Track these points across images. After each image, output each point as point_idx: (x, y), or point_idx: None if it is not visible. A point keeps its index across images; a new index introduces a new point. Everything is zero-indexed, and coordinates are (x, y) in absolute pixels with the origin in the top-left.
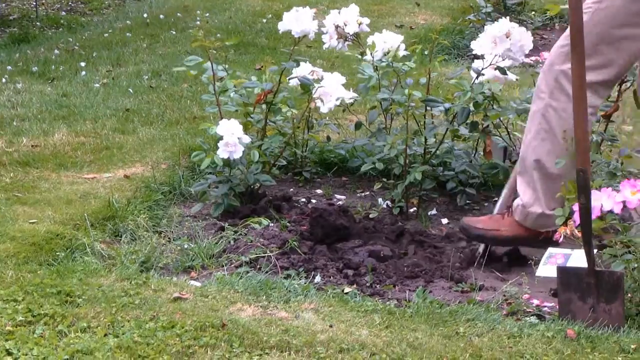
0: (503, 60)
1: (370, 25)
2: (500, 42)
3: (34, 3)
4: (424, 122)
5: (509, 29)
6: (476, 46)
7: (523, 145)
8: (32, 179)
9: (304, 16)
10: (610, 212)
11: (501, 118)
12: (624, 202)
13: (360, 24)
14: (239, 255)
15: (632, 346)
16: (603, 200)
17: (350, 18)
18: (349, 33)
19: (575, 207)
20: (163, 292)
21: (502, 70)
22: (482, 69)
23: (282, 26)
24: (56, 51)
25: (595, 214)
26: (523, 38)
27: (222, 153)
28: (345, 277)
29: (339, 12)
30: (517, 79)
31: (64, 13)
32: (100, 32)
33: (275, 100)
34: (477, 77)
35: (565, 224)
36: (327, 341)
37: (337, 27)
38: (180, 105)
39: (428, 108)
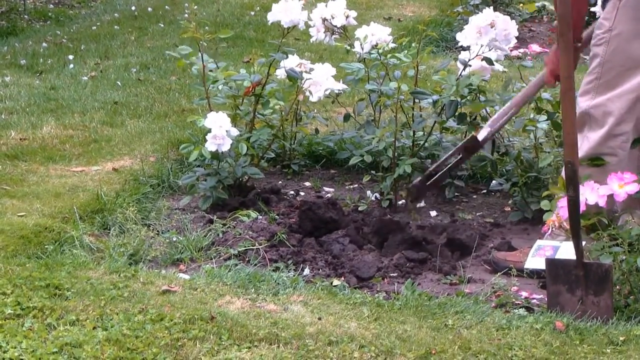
0: (490, 50)
1: (357, 18)
2: (485, 32)
3: None
4: (413, 114)
5: (493, 19)
6: (461, 37)
7: None
8: (20, 172)
9: (292, 7)
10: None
11: (488, 110)
12: (610, 195)
13: (347, 16)
14: (228, 247)
15: (621, 338)
16: (587, 193)
17: (338, 11)
18: (336, 26)
19: (564, 200)
20: (152, 284)
21: (489, 61)
22: (469, 60)
23: (271, 17)
24: (44, 44)
25: (580, 207)
26: (508, 27)
27: (211, 146)
28: (334, 270)
29: (326, 5)
30: (504, 70)
31: (51, 6)
32: (88, 25)
33: (264, 93)
34: (463, 69)
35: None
36: (315, 334)
37: (324, 20)
38: (168, 98)
39: (416, 100)
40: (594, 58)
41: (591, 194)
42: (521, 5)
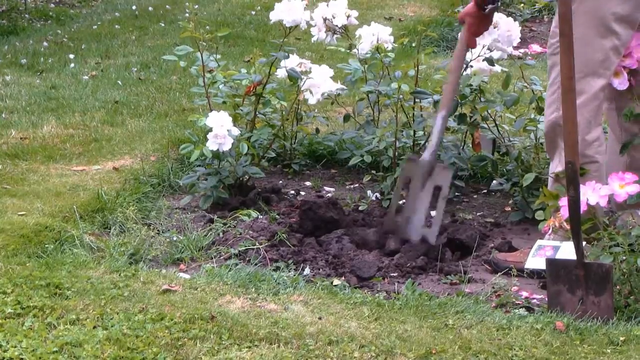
0: (491, 51)
1: (358, 18)
2: (488, 32)
3: None
4: (413, 114)
5: (497, 20)
6: None
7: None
8: (21, 171)
9: (295, 6)
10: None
11: (489, 110)
12: (611, 195)
13: (348, 16)
14: (228, 247)
15: (621, 338)
16: (588, 194)
17: (339, 11)
18: (337, 26)
19: (564, 200)
20: (152, 284)
21: (490, 62)
22: (470, 60)
23: (273, 16)
24: (45, 43)
25: (581, 208)
26: (511, 28)
27: (212, 145)
28: (334, 269)
29: (327, 5)
30: (504, 71)
31: (52, 5)
32: (88, 25)
33: (265, 92)
34: (465, 69)
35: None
36: (316, 333)
37: (325, 19)
38: (169, 97)
39: (417, 100)
40: (554, 67)
41: (593, 194)
42: (522, 5)
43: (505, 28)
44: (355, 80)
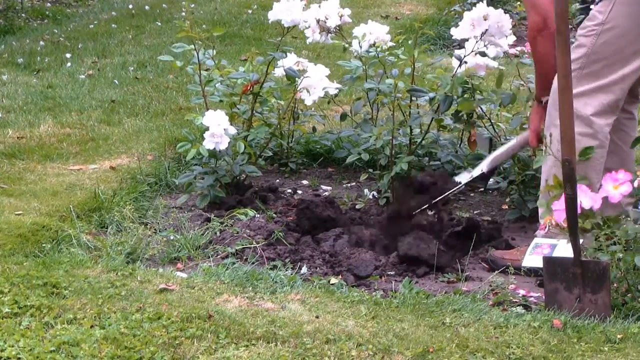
0: (485, 46)
1: (356, 16)
2: (478, 24)
3: None
4: (410, 112)
5: (487, 12)
6: (456, 32)
7: (544, 174)
8: (17, 171)
9: (294, 6)
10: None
11: (484, 109)
12: (605, 197)
13: (341, 16)
14: (225, 246)
15: (618, 336)
16: (581, 197)
17: (331, 11)
18: (331, 26)
19: (558, 203)
20: (149, 283)
21: (482, 53)
22: (464, 56)
23: (272, 15)
24: (41, 43)
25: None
26: (501, 20)
27: (208, 144)
28: (332, 268)
29: (319, 6)
30: (500, 68)
31: (49, 4)
32: (85, 24)
33: (262, 91)
34: (459, 66)
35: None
36: (313, 332)
37: (318, 20)
38: (166, 96)
39: (413, 98)
40: (579, 47)
41: (586, 197)
42: (518, 3)
43: (495, 19)
44: (355, 78)
